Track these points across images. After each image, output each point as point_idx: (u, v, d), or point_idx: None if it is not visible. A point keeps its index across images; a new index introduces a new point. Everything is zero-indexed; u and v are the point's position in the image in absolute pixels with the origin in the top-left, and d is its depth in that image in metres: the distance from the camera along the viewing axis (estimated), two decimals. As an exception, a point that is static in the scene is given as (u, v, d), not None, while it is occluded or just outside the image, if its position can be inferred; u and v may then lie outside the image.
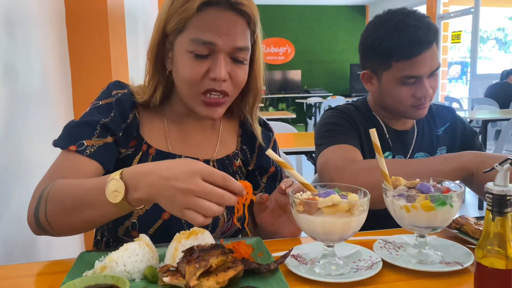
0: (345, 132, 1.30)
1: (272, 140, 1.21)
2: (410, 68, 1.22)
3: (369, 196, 0.77)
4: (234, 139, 1.17)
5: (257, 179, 1.18)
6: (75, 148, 0.95)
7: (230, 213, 1.07)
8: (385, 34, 1.24)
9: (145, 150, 1.04)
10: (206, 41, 0.93)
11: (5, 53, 1.22)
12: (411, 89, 1.25)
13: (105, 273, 0.76)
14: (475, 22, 7.99)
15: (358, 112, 1.38)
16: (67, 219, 0.85)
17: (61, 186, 0.86)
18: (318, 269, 0.78)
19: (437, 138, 1.40)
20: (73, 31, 1.73)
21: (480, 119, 4.54)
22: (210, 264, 0.71)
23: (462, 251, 0.86)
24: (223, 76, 0.94)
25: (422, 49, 1.21)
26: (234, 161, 1.13)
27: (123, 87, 1.06)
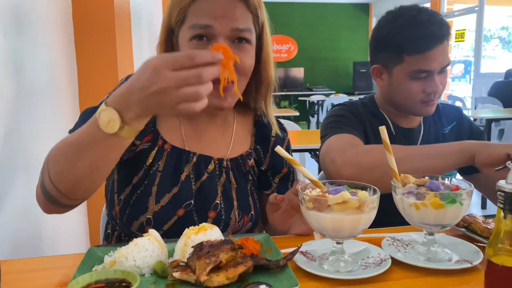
0: (350, 124, 1.31)
1: (286, 141, 1.20)
2: (422, 63, 1.22)
3: (379, 194, 0.77)
4: (248, 138, 1.16)
5: (269, 179, 1.17)
6: None
7: (242, 213, 1.07)
8: (398, 28, 1.25)
9: (161, 145, 1.03)
10: (202, 25, 0.93)
11: (14, 49, 1.23)
12: (422, 84, 1.25)
13: (115, 268, 0.76)
14: (479, 20, 7.96)
15: (365, 108, 1.39)
16: (71, 172, 0.81)
17: (57, 145, 0.85)
18: (327, 266, 0.78)
19: (443, 137, 1.40)
20: (80, 28, 1.73)
21: (484, 118, 4.53)
22: (220, 259, 0.71)
23: (471, 249, 0.86)
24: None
25: (435, 44, 1.21)
26: (247, 160, 1.12)
27: None
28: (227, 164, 1.08)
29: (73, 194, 0.85)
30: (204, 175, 1.05)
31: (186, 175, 1.03)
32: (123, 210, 1.01)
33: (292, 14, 11.40)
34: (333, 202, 0.74)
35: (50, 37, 1.51)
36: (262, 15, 1.01)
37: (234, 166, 1.09)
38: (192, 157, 1.05)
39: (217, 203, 1.04)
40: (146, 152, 1.02)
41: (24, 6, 1.31)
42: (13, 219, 1.16)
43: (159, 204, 0.99)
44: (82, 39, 1.74)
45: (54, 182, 0.83)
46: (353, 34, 11.66)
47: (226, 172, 1.07)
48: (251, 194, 1.12)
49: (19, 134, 1.23)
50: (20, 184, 1.22)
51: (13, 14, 1.23)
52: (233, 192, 1.07)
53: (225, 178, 1.07)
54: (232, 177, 1.08)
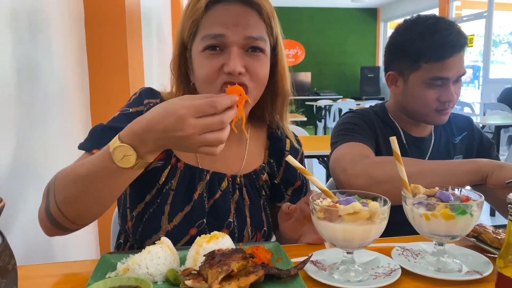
0: (361, 132, 1.31)
1: (300, 154, 1.19)
2: (439, 70, 1.24)
3: (389, 204, 0.78)
4: (262, 152, 1.15)
5: (282, 192, 1.16)
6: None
7: (255, 230, 1.06)
8: (416, 35, 1.26)
9: (174, 163, 1.02)
10: (215, 34, 0.92)
11: (28, 56, 1.25)
12: (437, 92, 1.26)
13: (128, 275, 0.77)
14: (488, 26, 7.92)
15: (376, 116, 1.39)
16: (80, 201, 0.83)
17: (65, 171, 0.86)
18: (337, 275, 0.79)
19: (454, 147, 1.41)
20: (92, 35, 1.76)
21: (493, 125, 4.50)
22: (232, 268, 0.72)
23: (481, 259, 0.86)
24: (237, 68, 0.91)
25: (453, 52, 1.23)
26: (260, 175, 1.11)
27: (155, 96, 1.04)
28: (241, 181, 1.07)
29: (80, 220, 0.87)
30: (217, 193, 1.04)
31: (199, 193, 1.02)
32: (136, 227, 1.01)
33: (299, 19, 11.41)
34: (344, 213, 0.75)
35: (63, 45, 1.54)
36: (276, 26, 1.00)
37: (248, 182, 1.08)
38: (205, 175, 1.03)
39: (230, 221, 1.03)
40: (159, 171, 1.01)
41: (39, 15, 1.34)
42: (26, 225, 1.18)
43: (171, 223, 0.99)
44: (93, 47, 1.76)
45: (62, 209, 0.84)
46: (361, 39, 11.65)
47: (239, 189, 1.06)
48: (264, 210, 1.11)
49: (32, 140, 1.25)
50: (33, 191, 1.24)
51: (28, 21, 1.25)
52: (246, 209, 1.07)
53: (238, 195, 1.06)
54: (246, 193, 1.07)
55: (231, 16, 0.93)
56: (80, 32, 1.72)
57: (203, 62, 0.94)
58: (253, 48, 0.95)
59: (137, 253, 0.80)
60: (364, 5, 11.34)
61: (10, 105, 1.12)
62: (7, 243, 0.63)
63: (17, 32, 1.18)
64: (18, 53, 1.18)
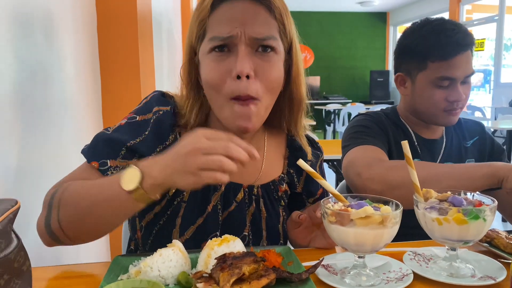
0: (373, 135, 1.31)
1: (320, 160, 1.14)
2: (445, 70, 1.24)
3: (401, 209, 0.77)
4: (281, 162, 1.09)
5: (303, 201, 1.12)
6: (97, 166, 0.92)
7: (271, 243, 1.04)
8: (423, 35, 1.28)
9: None
10: (222, 37, 0.86)
11: (42, 61, 1.27)
12: (445, 92, 1.26)
13: (140, 277, 0.78)
14: (499, 29, 7.86)
15: (388, 119, 1.40)
16: (82, 221, 0.82)
17: (74, 188, 0.85)
18: (349, 280, 0.79)
19: (466, 150, 1.41)
20: (104, 39, 1.78)
21: (504, 129, 4.45)
22: (243, 271, 0.72)
23: (494, 265, 0.85)
24: (246, 69, 0.84)
25: (458, 51, 1.23)
26: (280, 186, 1.05)
27: (166, 103, 0.98)
28: (258, 192, 1.02)
29: (78, 240, 0.87)
30: (232, 205, 0.99)
31: (214, 205, 0.97)
32: (145, 239, 0.99)
33: (309, 23, 11.42)
34: (356, 217, 0.74)
35: (76, 49, 1.56)
36: (290, 25, 0.94)
37: (265, 193, 1.03)
38: (220, 186, 0.98)
39: (245, 235, 1.00)
40: None
41: (53, 18, 1.36)
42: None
43: (183, 237, 0.96)
44: (105, 51, 1.78)
45: (63, 227, 0.83)
46: (370, 43, 11.62)
47: (256, 200, 1.01)
48: (282, 222, 1.06)
49: (47, 144, 1.27)
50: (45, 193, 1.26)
51: (43, 26, 1.27)
52: (263, 221, 1.02)
53: (254, 207, 1.01)
54: (263, 205, 1.02)
55: (237, 14, 0.87)
56: (92, 36, 1.74)
57: (210, 64, 0.89)
58: (263, 47, 0.88)
59: (149, 256, 0.81)
60: (373, 9, 11.32)
61: (24, 109, 1.14)
62: (22, 245, 0.65)
63: (32, 37, 1.20)
64: (33, 58, 1.20)
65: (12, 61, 1.08)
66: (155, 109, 0.97)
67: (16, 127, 1.09)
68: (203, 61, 0.91)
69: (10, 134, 1.06)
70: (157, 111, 0.97)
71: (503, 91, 7.69)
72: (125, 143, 0.92)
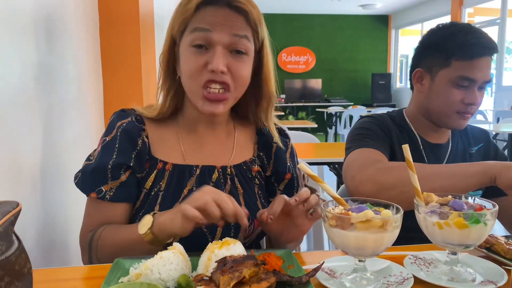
0: (375, 138, 1.32)
1: (289, 146, 1.21)
2: (468, 70, 1.25)
3: (402, 212, 0.78)
4: (251, 146, 1.18)
5: (274, 186, 1.18)
6: (96, 196, 1.01)
7: (252, 217, 1.07)
8: (451, 34, 1.29)
9: (161, 167, 1.06)
10: (203, 28, 0.98)
11: (45, 63, 1.27)
12: (462, 94, 1.27)
13: (140, 280, 0.78)
14: (501, 33, 7.86)
15: (393, 122, 1.40)
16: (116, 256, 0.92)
17: (104, 237, 0.99)
18: (349, 284, 0.79)
19: (471, 156, 1.41)
20: (106, 42, 1.79)
21: (506, 133, 4.45)
22: (244, 275, 0.72)
23: (494, 269, 0.85)
24: (220, 67, 0.97)
25: (484, 53, 1.25)
26: (252, 166, 1.14)
27: (126, 116, 1.09)
28: (231, 171, 1.10)
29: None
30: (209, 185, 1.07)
31: (189, 189, 1.05)
32: None
33: (311, 26, 11.44)
34: (356, 220, 0.74)
35: (79, 52, 1.56)
36: (263, 31, 1.05)
37: (239, 172, 1.11)
38: (195, 170, 1.07)
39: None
40: (144, 179, 1.05)
41: (56, 21, 1.36)
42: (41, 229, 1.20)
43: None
44: (108, 54, 1.79)
45: (101, 262, 0.98)
46: (372, 46, 11.63)
47: (231, 179, 1.10)
48: (259, 198, 1.13)
49: (50, 146, 1.27)
50: (49, 195, 1.26)
51: (46, 29, 1.28)
52: (240, 197, 1.09)
53: (230, 184, 1.09)
54: (238, 183, 1.10)
55: (219, 17, 0.98)
56: (95, 39, 1.75)
57: (189, 57, 1.00)
58: (237, 51, 1.00)
59: (149, 258, 0.81)
60: (375, 12, 11.33)
61: (28, 111, 1.15)
62: (23, 247, 0.65)
63: (34, 39, 1.21)
64: (36, 60, 1.21)
65: (14, 63, 1.09)
66: (118, 124, 1.07)
67: (18, 129, 1.10)
68: (183, 53, 1.02)
69: (12, 135, 1.06)
70: (120, 125, 1.07)
71: (505, 94, 7.69)
72: (107, 165, 1.02)
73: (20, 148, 1.10)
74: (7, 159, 1.03)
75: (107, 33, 1.77)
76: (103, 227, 1.01)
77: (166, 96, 1.09)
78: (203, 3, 0.99)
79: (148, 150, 1.07)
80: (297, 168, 1.21)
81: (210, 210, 0.84)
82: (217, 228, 1.04)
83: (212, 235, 1.04)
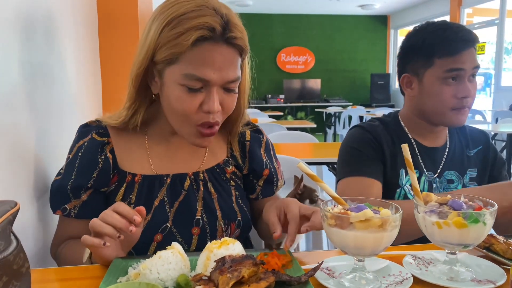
0: (366, 161, 1.31)
1: (263, 142, 1.20)
2: (453, 62, 1.25)
3: (401, 212, 0.77)
4: (224, 147, 1.17)
5: (253, 183, 1.18)
6: (61, 213, 1.04)
7: (228, 221, 1.08)
8: (428, 34, 1.29)
9: (130, 180, 1.05)
10: (200, 78, 0.92)
11: (43, 62, 1.27)
12: (453, 89, 1.26)
13: (139, 280, 0.77)
14: (499, 33, 7.87)
15: (386, 129, 1.38)
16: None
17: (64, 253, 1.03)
18: (348, 283, 0.79)
19: (468, 159, 1.39)
20: (104, 41, 1.78)
21: (505, 133, 4.45)
22: (242, 274, 0.72)
23: (494, 269, 0.85)
24: (216, 109, 0.95)
25: (464, 47, 1.24)
26: (226, 168, 1.13)
27: (87, 133, 1.07)
28: (204, 176, 1.09)
29: None
30: (181, 194, 1.06)
31: (160, 199, 1.04)
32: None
33: (310, 26, 11.45)
34: (355, 220, 0.74)
35: (77, 51, 1.56)
36: (246, 56, 1.03)
37: (212, 176, 1.10)
38: (165, 180, 1.06)
39: (198, 218, 1.05)
40: (114, 193, 1.05)
41: (54, 20, 1.36)
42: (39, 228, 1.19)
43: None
44: (106, 52, 1.79)
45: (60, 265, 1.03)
46: (371, 46, 11.64)
47: (204, 184, 1.09)
48: (236, 200, 1.12)
49: (47, 145, 1.27)
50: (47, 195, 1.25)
51: (44, 27, 1.28)
52: (215, 202, 1.08)
53: (203, 191, 1.08)
54: (211, 187, 1.09)
55: (217, 60, 0.92)
56: (93, 38, 1.75)
57: (182, 96, 0.94)
58: (229, 87, 0.98)
59: (148, 258, 0.81)
60: (374, 12, 11.34)
61: (25, 110, 1.14)
62: (21, 247, 0.64)
63: (33, 39, 1.21)
64: (34, 59, 1.20)
65: (13, 62, 1.08)
66: (79, 144, 1.07)
67: (16, 129, 1.09)
68: (173, 88, 0.95)
69: (10, 135, 1.06)
70: (81, 146, 1.06)
71: (504, 94, 7.70)
72: (66, 187, 1.03)
73: (18, 147, 1.10)
74: (5, 159, 1.03)
75: (106, 33, 1.77)
76: (65, 242, 1.05)
77: (134, 112, 1.04)
78: (200, 40, 0.90)
79: (114, 164, 1.06)
80: (274, 161, 1.21)
81: (102, 231, 0.82)
82: (192, 237, 1.04)
83: (188, 244, 1.04)
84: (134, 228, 0.83)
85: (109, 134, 1.08)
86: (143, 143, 1.09)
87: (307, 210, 0.95)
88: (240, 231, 1.11)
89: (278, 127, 3.98)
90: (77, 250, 0.96)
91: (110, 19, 1.78)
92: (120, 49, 1.81)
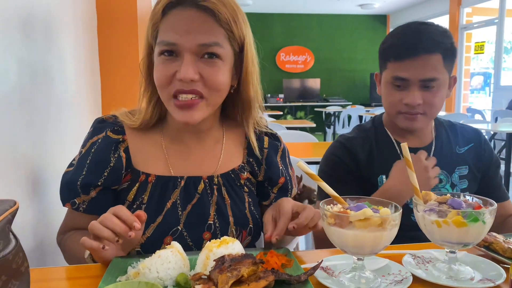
0: (339, 182, 1.27)
1: (280, 150, 1.17)
2: (400, 70, 1.24)
3: (400, 211, 0.77)
4: (240, 152, 1.13)
5: (267, 190, 1.15)
6: (70, 206, 1.03)
7: (240, 228, 1.06)
8: (389, 36, 1.30)
9: (143, 180, 1.03)
10: (167, 42, 0.93)
11: (42, 61, 1.27)
12: (400, 94, 1.25)
13: (138, 279, 0.77)
14: (499, 32, 7.87)
15: (366, 137, 1.36)
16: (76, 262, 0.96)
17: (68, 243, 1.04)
18: (348, 282, 0.78)
19: (457, 157, 1.35)
20: (104, 40, 1.78)
21: (504, 132, 4.45)
22: (242, 273, 0.72)
23: (493, 268, 0.85)
24: (189, 76, 0.92)
25: (412, 54, 1.21)
26: (241, 174, 1.10)
27: (102, 129, 1.05)
28: (218, 181, 1.06)
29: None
30: (195, 197, 1.03)
31: (173, 201, 1.02)
32: None
33: (309, 26, 11.44)
34: (355, 219, 0.74)
35: (76, 50, 1.56)
36: (240, 30, 0.98)
37: (226, 182, 1.07)
38: (179, 182, 1.03)
39: (210, 224, 1.03)
40: (126, 191, 1.03)
41: (53, 19, 1.36)
42: (38, 227, 1.19)
43: (144, 235, 0.98)
44: (105, 51, 1.79)
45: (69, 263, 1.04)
46: (371, 46, 11.63)
47: (218, 189, 1.06)
48: (249, 207, 1.10)
49: (46, 143, 1.27)
50: (46, 193, 1.25)
51: (43, 27, 1.28)
52: (228, 208, 1.05)
53: (217, 195, 1.05)
54: (225, 193, 1.06)
55: (184, 23, 0.93)
56: (92, 37, 1.74)
57: (159, 65, 0.96)
58: (209, 54, 0.95)
59: (147, 257, 0.81)
60: (374, 11, 11.34)
61: (24, 109, 1.14)
62: (21, 246, 0.64)
63: (32, 38, 1.21)
64: (33, 58, 1.20)
65: (12, 61, 1.08)
66: (92, 141, 1.05)
67: (15, 127, 1.09)
68: (155, 61, 0.98)
69: (9, 134, 1.06)
70: (94, 142, 1.04)
71: (503, 94, 7.69)
72: (76, 182, 1.01)
73: (17, 146, 1.10)
74: (4, 158, 1.03)
75: (105, 32, 1.77)
76: (71, 232, 1.05)
77: (149, 104, 1.05)
78: (169, 6, 0.94)
79: (128, 163, 1.03)
80: (289, 169, 1.19)
81: (101, 235, 0.82)
82: (203, 242, 1.01)
83: (198, 248, 1.00)
84: (133, 234, 0.82)
85: (125, 131, 1.06)
86: (159, 142, 1.07)
87: (299, 208, 0.94)
88: (252, 238, 1.09)
89: (277, 126, 3.98)
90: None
91: (109, 18, 1.78)
92: (119, 48, 1.81)
